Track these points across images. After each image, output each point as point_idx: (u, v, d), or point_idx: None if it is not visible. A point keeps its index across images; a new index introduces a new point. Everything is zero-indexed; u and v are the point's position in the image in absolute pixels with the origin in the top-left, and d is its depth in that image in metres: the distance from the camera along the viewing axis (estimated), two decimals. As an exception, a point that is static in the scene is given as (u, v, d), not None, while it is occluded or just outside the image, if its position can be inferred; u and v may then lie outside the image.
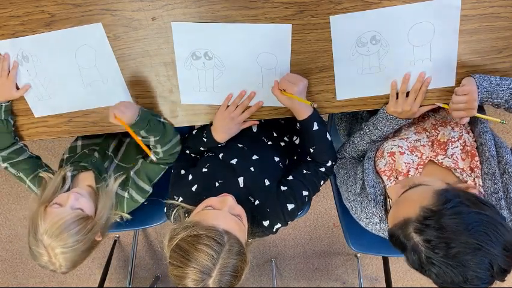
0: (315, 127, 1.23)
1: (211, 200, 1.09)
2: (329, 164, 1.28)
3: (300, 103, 1.20)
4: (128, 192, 1.33)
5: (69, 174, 1.31)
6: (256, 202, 1.21)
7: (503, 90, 1.12)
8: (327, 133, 1.27)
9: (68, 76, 1.30)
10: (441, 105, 1.21)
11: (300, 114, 1.23)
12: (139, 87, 1.32)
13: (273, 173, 1.27)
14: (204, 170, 1.28)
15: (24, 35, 1.24)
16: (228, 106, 1.28)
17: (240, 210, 1.08)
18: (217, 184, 1.24)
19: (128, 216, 1.36)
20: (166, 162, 1.34)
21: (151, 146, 1.30)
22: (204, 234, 0.95)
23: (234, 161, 1.27)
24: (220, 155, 1.30)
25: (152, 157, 1.29)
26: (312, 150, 1.28)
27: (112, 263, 2.39)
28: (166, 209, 1.26)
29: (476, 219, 0.86)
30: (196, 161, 1.36)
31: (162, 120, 1.32)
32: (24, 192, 2.47)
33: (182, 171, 1.32)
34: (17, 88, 1.31)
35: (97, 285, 2.25)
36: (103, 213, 1.24)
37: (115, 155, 1.44)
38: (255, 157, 1.29)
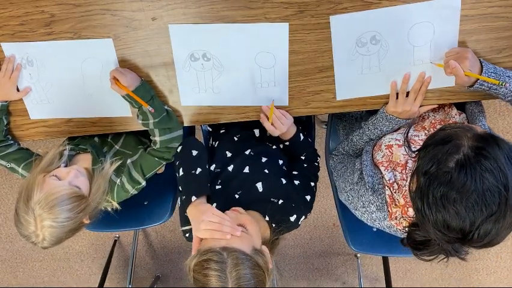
0: (301, 137, 1.35)
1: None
2: (318, 159, 1.42)
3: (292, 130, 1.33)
4: (121, 179, 1.31)
5: (66, 152, 1.30)
6: (280, 201, 1.22)
7: (509, 76, 1.11)
8: (307, 137, 1.38)
9: (70, 84, 1.31)
10: (436, 64, 1.18)
11: (286, 135, 1.34)
12: (139, 88, 1.32)
13: (283, 172, 1.31)
14: (218, 187, 1.26)
15: (24, 35, 1.24)
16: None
17: (243, 219, 1.07)
18: (237, 196, 1.23)
19: (118, 206, 1.34)
20: (162, 156, 1.30)
21: (149, 131, 1.28)
22: (203, 260, 0.95)
23: (246, 170, 1.28)
24: (230, 168, 1.29)
25: (149, 108, 1.21)
26: (303, 158, 1.38)
27: (112, 263, 2.39)
28: (188, 235, 1.19)
29: None
30: None
31: (167, 107, 1.30)
32: (24, 192, 2.47)
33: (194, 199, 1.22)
34: (18, 90, 1.32)
35: (97, 285, 2.25)
36: (97, 196, 1.22)
37: (115, 142, 1.42)
38: (264, 159, 1.31)
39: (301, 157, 1.39)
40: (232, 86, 1.29)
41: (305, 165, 1.37)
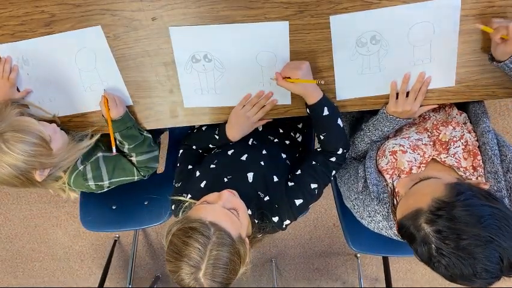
0: (325, 112, 1.21)
1: (209, 196, 1.09)
2: (340, 152, 1.25)
3: (310, 87, 1.19)
4: (85, 167, 1.30)
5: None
6: (266, 198, 1.21)
7: None
8: (339, 119, 1.24)
9: (68, 79, 1.31)
10: (482, 27, 1.12)
11: (310, 99, 1.21)
12: (139, 88, 1.32)
13: (281, 169, 1.28)
14: (212, 166, 1.28)
15: (24, 35, 1.24)
16: (243, 106, 1.28)
17: (237, 203, 1.07)
18: (225, 180, 1.24)
19: (75, 195, 1.34)
20: (138, 169, 1.36)
21: (126, 152, 1.34)
22: (189, 227, 0.95)
23: (244, 157, 1.28)
24: (230, 152, 1.30)
25: (114, 149, 1.29)
26: (322, 137, 1.25)
27: (112, 263, 2.39)
28: (174, 207, 1.25)
29: (488, 212, 0.85)
30: (203, 157, 1.37)
31: (145, 134, 1.35)
32: (24, 192, 2.48)
33: (190, 167, 1.33)
34: (18, 91, 1.32)
35: (97, 285, 2.25)
36: (60, 156, 1.20)
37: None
38: (264, 152, 1.30)
39: (318, 148, 1.28)
40: (235, 86, 1.29)
41: (314, 163, 1.25)
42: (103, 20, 1.21)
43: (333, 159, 1.25)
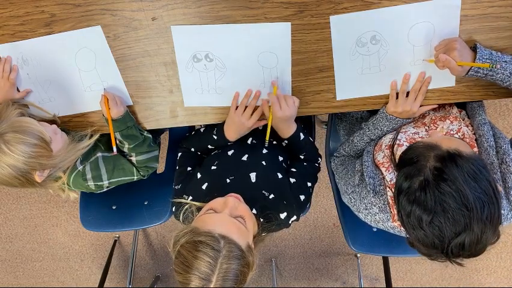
0: (302, 136, 1.31)
1: (214, 202, 1.09)
2: (319, 160, 1.40)
3: (284, 125, 1.27)
4: (84, 167, 1.30)
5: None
6: (271, 196, 1.21)
7: (505, 61, 1.10)
8: (307, 135, 1.35)
9: (68, 79, 1.31)
10: (428, 60, 1.19)
11: (285, 132, 1.29)
12: (139, 88, 1.32)
13: (281, 167, 1.30)
14: (213, 167, 1.28)
15: (24, 35, 1.24)
16: (236, 107, 1.28)
17: (243, 210, 1.07)
18: (228, 180, 1.24)
19: (74, 195, 1.34)
20: (138, 169, 1.36)
21: (126, 152, 1.34)
22: (200, 241, 0.94)
23: (245, 157, 1.28)
24: (230, 153, 1.30)
25: (114, 149, 1.29)
26: (302, 157, 1.36)
27: (112, 263, 2.39)
28: (175, 209, 1.25)
29: (490, 193, 0.86)
30: (202, 159, 1.37)
31: (145, 134, 1.34)
32: (24, 192, 2.47)
33: (189, 169, 1.33)
34: (18, 91, 1.32)
35: (97, 285, 2.25)
36: (59, 156, 1.19)
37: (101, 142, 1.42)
38: (265, 151, 1.31)
39: (301, 156, 1.36)
40: (235, 87, 1.28)
41: (305, 163, 1.35)
42: (103, 20, 1.21)
43: (317, 164, 1.39)
